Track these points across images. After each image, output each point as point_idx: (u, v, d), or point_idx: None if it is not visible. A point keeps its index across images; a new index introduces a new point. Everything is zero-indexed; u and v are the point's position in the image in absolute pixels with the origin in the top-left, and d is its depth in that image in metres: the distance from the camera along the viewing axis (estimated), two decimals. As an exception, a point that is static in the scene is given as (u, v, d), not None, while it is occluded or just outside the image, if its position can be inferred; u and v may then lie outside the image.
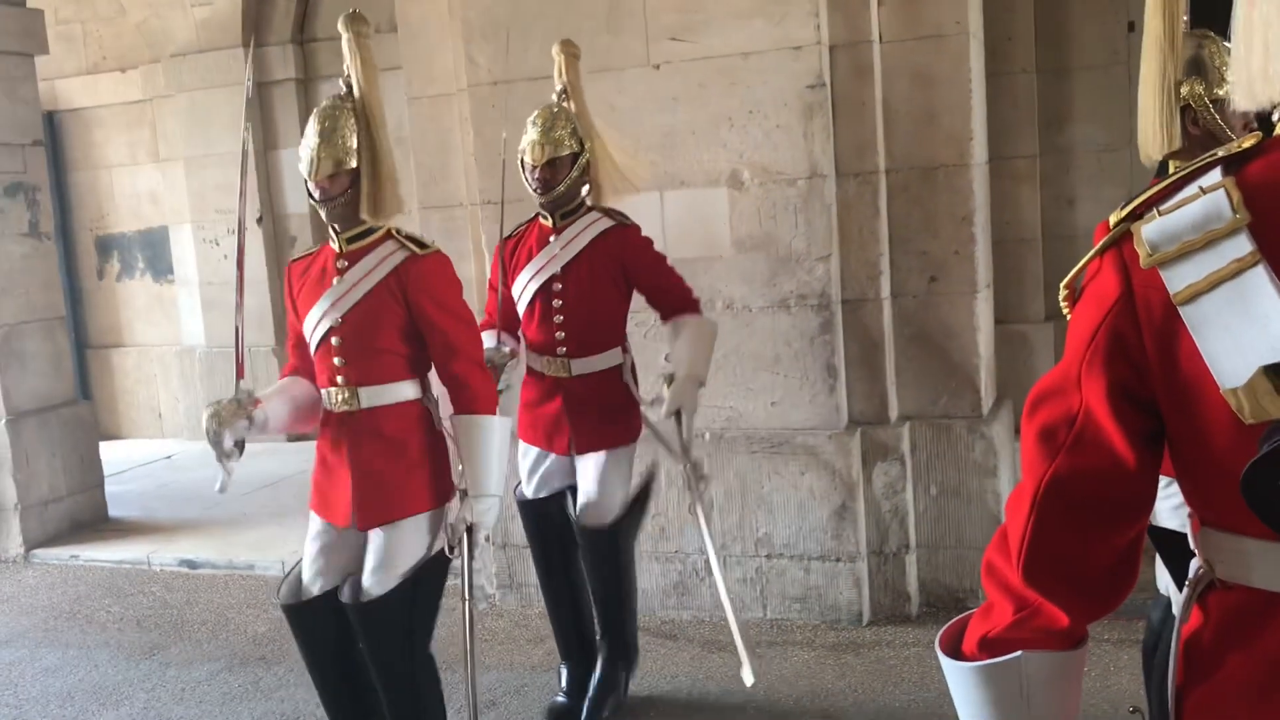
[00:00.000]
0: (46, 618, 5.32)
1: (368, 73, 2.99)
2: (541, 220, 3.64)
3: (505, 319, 3.68)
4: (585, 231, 3.56)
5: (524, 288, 3.61)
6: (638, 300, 3.72)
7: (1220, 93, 2.86)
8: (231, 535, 6.26)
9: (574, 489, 3.70)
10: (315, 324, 3.01)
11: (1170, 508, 2.93)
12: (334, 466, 3.02)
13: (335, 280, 3.00)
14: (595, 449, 3.60)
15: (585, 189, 3.64)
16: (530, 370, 3.65)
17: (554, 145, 3.51)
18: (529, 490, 3.75)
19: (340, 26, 3.01)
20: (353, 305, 2.96)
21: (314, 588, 3.06)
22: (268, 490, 7.21)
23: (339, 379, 2.98)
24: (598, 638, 3.80)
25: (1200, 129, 2.87)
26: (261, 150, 8.66)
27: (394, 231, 3.04)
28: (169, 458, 8.62)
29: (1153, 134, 2.88)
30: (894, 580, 4.51)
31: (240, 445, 2.92)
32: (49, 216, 6.66)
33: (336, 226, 3.02)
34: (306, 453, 8.65)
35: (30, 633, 5.14)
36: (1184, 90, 2.85)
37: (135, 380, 9.52)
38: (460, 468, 3.01)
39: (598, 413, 3.57)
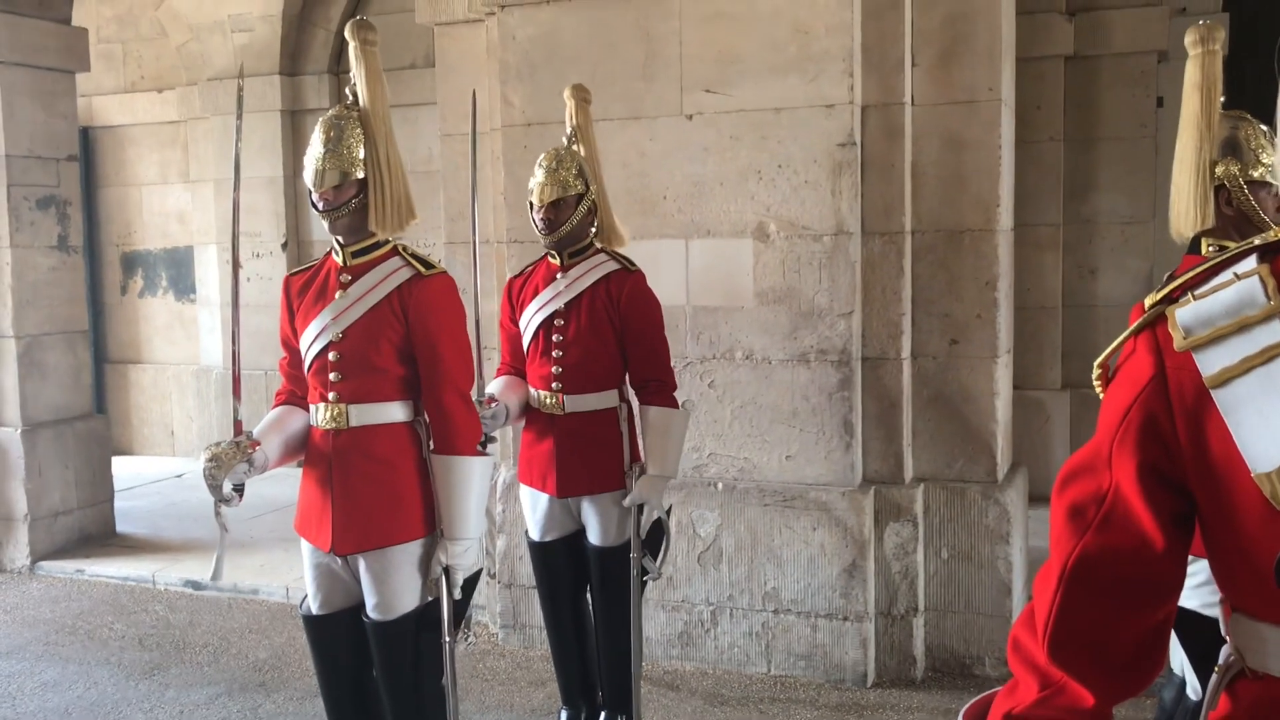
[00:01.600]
0: (48, 631, 5.31)
1: (373, 82, 2.93)
2: (550, 259, 3.67)
3: (513, 356, 3.71)
4: (591, 272, 3.58)
5: (528, 322, 3.64)
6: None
7: (1255, 174, 2.88)
8: (237, 558, 6.25)
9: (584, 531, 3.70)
10: (314, 338, 2.94)
11: (1190, 586, 2.91)
12: (318, 487, 2.94)
13: (338, 294, 2.92)
14: (577, 492, 3.58)
15: (593, 230, 3.66)
16: (530, 409, 3.66)
17: (560, 186, 3.53)
18: (534, 533, 3.74)
19: (347, 34, 2.96)
20: (354, 321, 2.88)
21: (319, 611, 3.04)
22: (276, 514, 7.20)
23: (331, 395, 2.89)
24: (600, 684, 3.78)
25: (1234, 209, 2.90)
26: (290, 176, 8.75)
27: (401, 248, 2.97)
28: (180, 476, 8.63)
29: (1186, 211, 2.91)
30: (901, 643, 4.48)
31: (239, 489, 2.86)
32: (78, 231, 6.72)
33: (340, 239, 2.95)
34: (316, 479, 8.60)
35: (31, 645, 5.12)
36: (1219, 170, 2.89)
37: (151, 397, 9.56)
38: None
39: (584, 455, 3.55)
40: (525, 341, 3.66)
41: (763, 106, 4.46)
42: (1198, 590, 2.89)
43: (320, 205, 2.90)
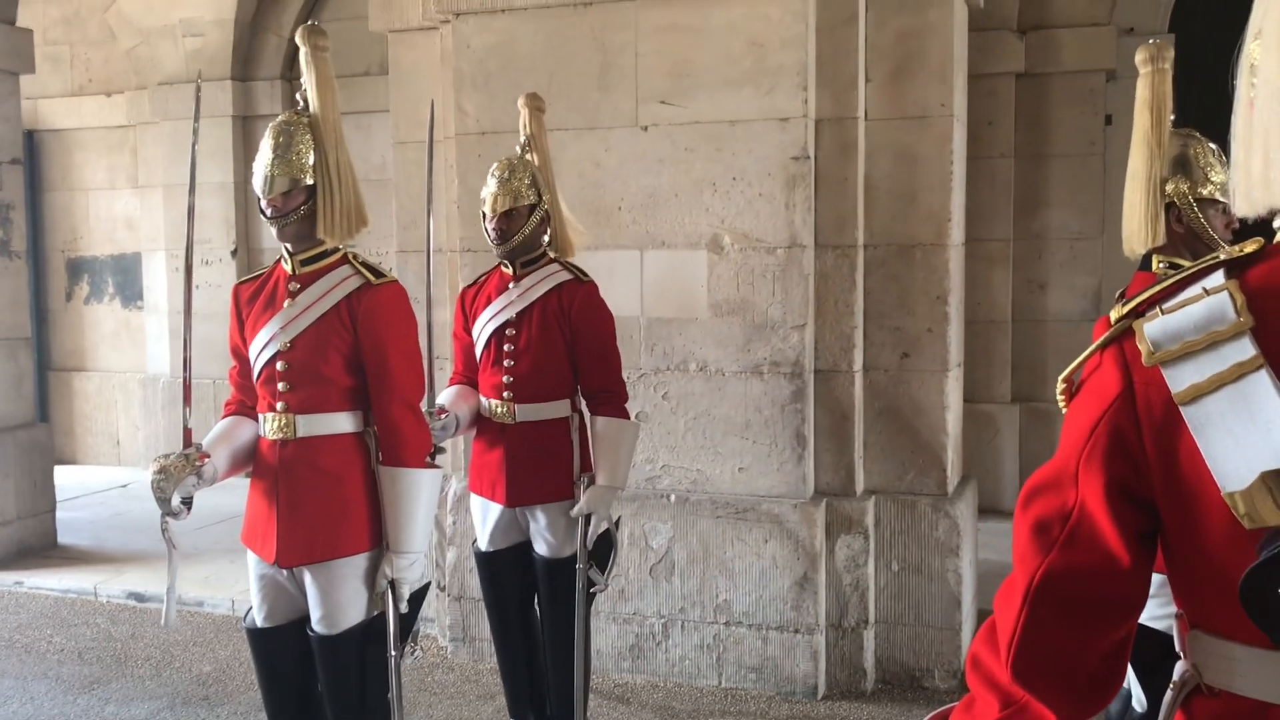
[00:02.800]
0: (-15, 644, 5.19)
1: (324, 88, 2.89)
2: (503, 268, 3.66)
3: (467, 366, 3.69)
4: (543, 282, 3.57)
5: (480, 332, 3.63)
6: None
7: (1204, 192, 2.92)
8: (182, 570, 6.11)
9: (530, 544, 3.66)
10: (262, 347, 2.89)
11: None
12: (264, 498, 2.89)
13: (286, 303, 2.87)
14: (527, 502, 3.56)
15: (546, 239, 3.65)
16: (482, 418, 3.63)
17: (513, 196, 3.52)
18: (483, 543, 3.71)
19: (298, 39, 2.93)
20: (302, 330, 2.82)
21: (264, 624, 2.98)
22: (222, 525, 7.09)
23: (279, 405, 2.84)
24: (548, 697, 3.75)
25: (1184, 227, 2.93)
26: (241, 183, 8.65)
27: (351, 256, 2.93)
28: (124, 486, 8.48)
29: (1137, 228, 2.94)
30: (851, 655, 4.49)
31: (188, 502, 2.79)
32: (22, 236, 6.60)
33: (289, 247, 2.89)
34: (265, 490, 8.46)
35: (-34, 659, 5.00)
36: (1169, 188, 2.92)
37: (96, 406, 9.39)
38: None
39: (534, 464, 3.53)
40: (478, 351, 3.64)
41: (718, 119, 4.47)
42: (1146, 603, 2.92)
43: (269, 212, 2.85)
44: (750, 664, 4.46)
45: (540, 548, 3.59)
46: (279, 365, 2.86)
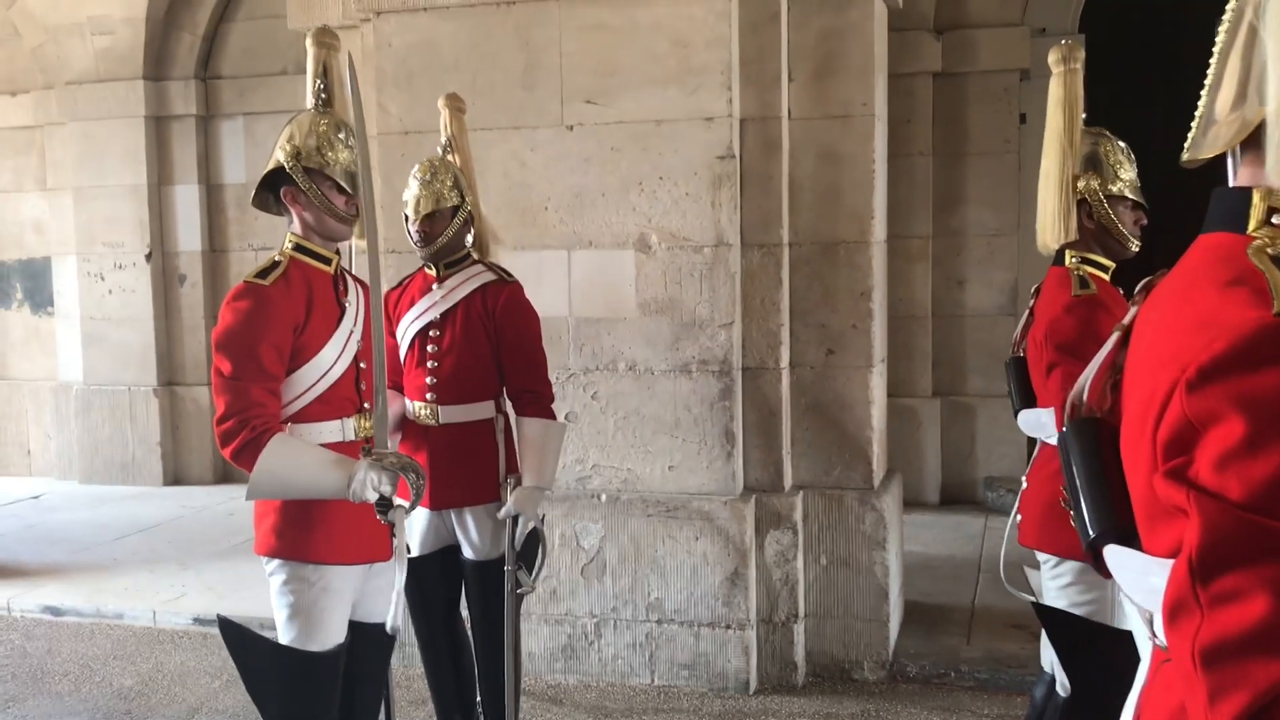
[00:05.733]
0: (-109, 665, 5.00)
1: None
2: (426, 270, 3.64)
3: (392, 369, 3.65)
4: (467, 283, 3.55)
5: (404, 333, 3.60)
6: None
7: (1114, 189, 2.99)
8: (100, 581, 5.98)
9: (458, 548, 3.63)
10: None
11: (1058, 587, 3.01)
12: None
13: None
14: (452, 505, 3.53)
15: (470, 240, 3.63)
16: (407, 420, 3.60)
17: (435, 198, 3.50)
18: (411, 548, 3.66)
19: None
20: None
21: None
22: (140, 535, 6.94)
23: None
24: (479, 701, 3.72)
25: (1095, 223, 3.00)
26: (155, 184, 8.45)
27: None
28: (36, 498, 8.24)
29: (1051, 225, 3.01)
30: (782, 649, 4.53)
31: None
32: (-76, 240, 6.37)
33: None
34: (181, 498, 8.35)
35: (-128, 680, 4.81)
36: (1081, 185, 2.99)
37: (5, 415, 9.11)
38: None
39: (459, 466, 3.50)
40: (402, 353, 3.61)
41: (643, 118, 4.47)
42: (1064, 590, 2.99)
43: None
44: (683, 661, 4.47)
45: (467, 551, 3.56)
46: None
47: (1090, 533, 1.29)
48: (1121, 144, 3.07)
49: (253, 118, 8.43)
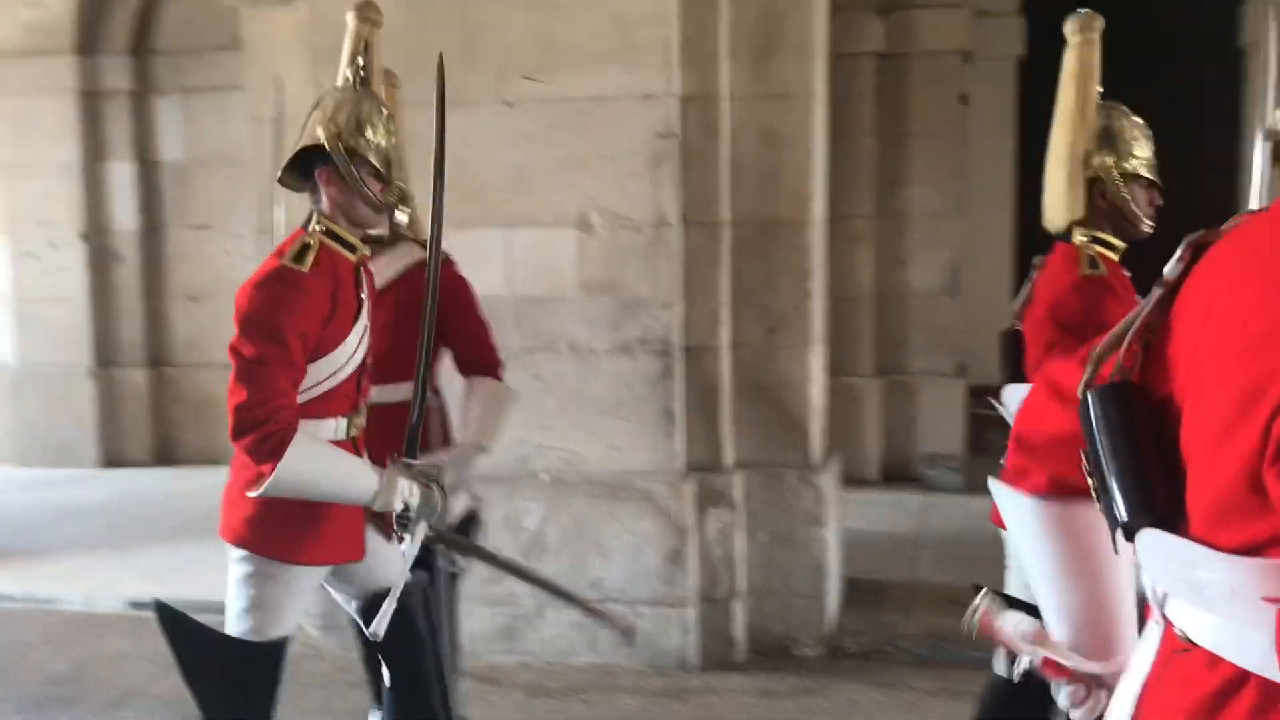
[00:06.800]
0: None
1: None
2: None
3: None
4: (398, 262, 3.51)
5: None
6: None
7: (1128, 166, 2.86)
8: (32, 566, 5.87)
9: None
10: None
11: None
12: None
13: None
14: None
15: (402, 219, 3.58)
16: None
17: None
18: None
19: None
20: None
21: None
22: (76, 519, 6.82)
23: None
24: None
25: (1107, 201, 2.88)
26: (90, 162, 8.27)
27: None
28: (-35, 482, 8.06)
29: (1058, 202, 2.90)
30: (722, 626, 4.55)
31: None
32: None
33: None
34: (119, 481, 8.19)
35: None
36: (1095, 161, 2.87)
37: (-66, 398, 8.89)
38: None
39: (390, 445, 3.46)
40: None
41: (584, 95, 4.44)
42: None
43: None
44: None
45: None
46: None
47: (1123, 515, 1.18)
48: (1138, 119, 2.95)
49: (190, 94, 8.27)
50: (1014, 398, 3.01)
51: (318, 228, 2.73)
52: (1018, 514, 1.47)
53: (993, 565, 5.75)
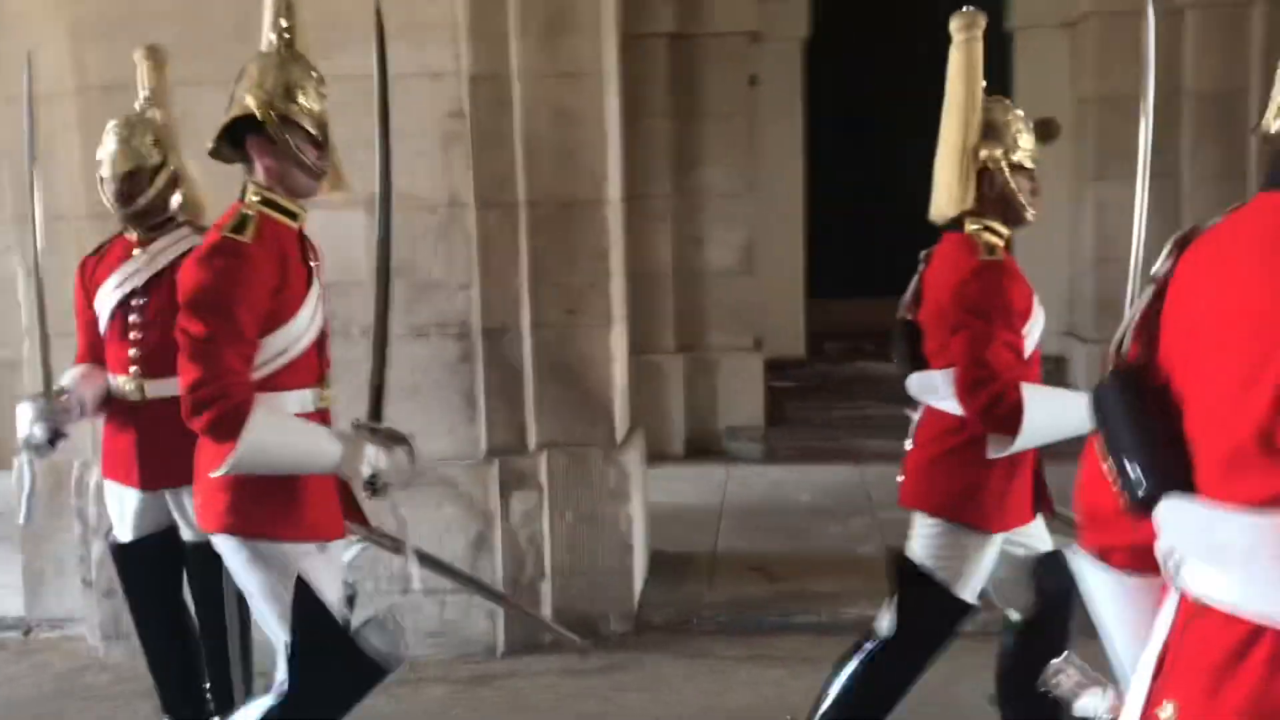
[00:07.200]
0: None
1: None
2: (126, 234, 3.40)
3: (91, 344, 3.42)
4: (173, 246, 3.36)
5: (103, 303, 3.39)
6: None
7: (1015, 158, 3.00)
8: None
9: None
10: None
11: (925, 538, 3.06)
12: None
13: None
14: (167, 484, 3.33)
15: (176, 202, 3.42)
16: (112, 398, 3.37)
17: (133, 157, 3.32)
18: (123, 533, 3.48)
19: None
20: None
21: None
22: None
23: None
24: (206, 688, 3.54)
25: (996, 191, 3.01)
26: None
27: None
28: None
29: (949, 193, 3.00)
30: (530, 609, 4.53)
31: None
32: None
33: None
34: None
35: None
36: (984, 153, 2.99)
37: None
38: None
39: (172, 442, 3.28)
40: (102, 325, 3.36)
41: (369, 73, 4.28)
42: (930, 545, 3.03)
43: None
44: (429, 629, 4.40)
45: (186, 532, 3.38)
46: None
47: (1143, 487, 1.26)
48: (1019, 112, 3.09)
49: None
50: (918, 385, 3.13)
51: (254, 198, 2.65)
52: (1105, 589, 1.49)
53: (789, 532, 5.96)
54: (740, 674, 4.28)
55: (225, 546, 2.70)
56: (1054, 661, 1.61)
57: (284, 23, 2.81)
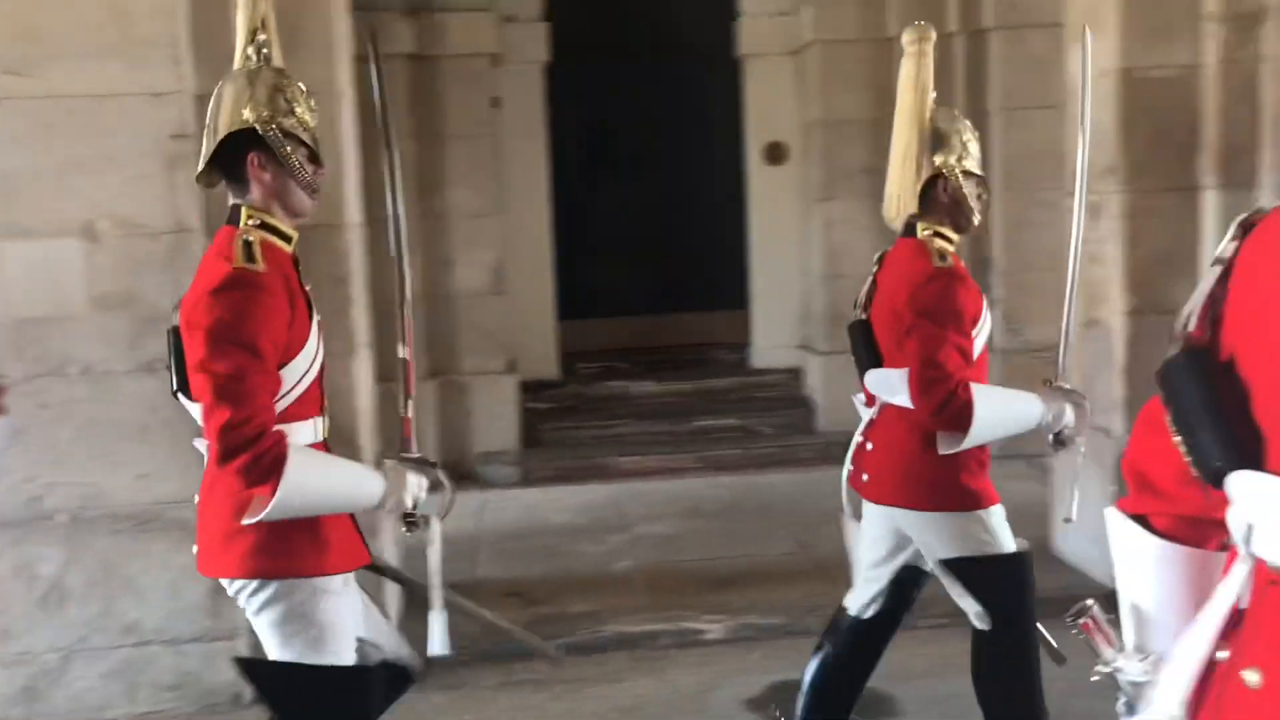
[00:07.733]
0: None
1: None
2: None
3: None
4: None
5: None
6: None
7: (967, 165, 3.13)
8: None
9: None
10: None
11: (937, 538, 3.12)
12: None
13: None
14: None
15: None
16: None
17: None
18: None
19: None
20: None
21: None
22: None
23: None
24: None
25: (949, 196, 3.13)
26: None
27: None
28: None
29: (899, 198, 3.15)
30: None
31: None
32: None
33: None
34: None
35: None
36: (938, 160, 3.11)
37: None
38: None
39: None
40: None
41: (81, 92, 4.05)
42: (945, 540, 3.12)
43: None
44: (168, 683, 4.15)
45: None
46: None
47: (1215, 462, 1.30)
48: (967, 121, 3.23)
49: None
50: (876, 382, 3.22)
51: (251, 222, 2.48)
52: (1139, 551, 1.51)
53: (545, 554, 5.97)
54: (500, 701, 4.24)
55: (246, 591, 2.56)
56: (1086, 601, 1.67)
57: (262, 37, 2.69)
